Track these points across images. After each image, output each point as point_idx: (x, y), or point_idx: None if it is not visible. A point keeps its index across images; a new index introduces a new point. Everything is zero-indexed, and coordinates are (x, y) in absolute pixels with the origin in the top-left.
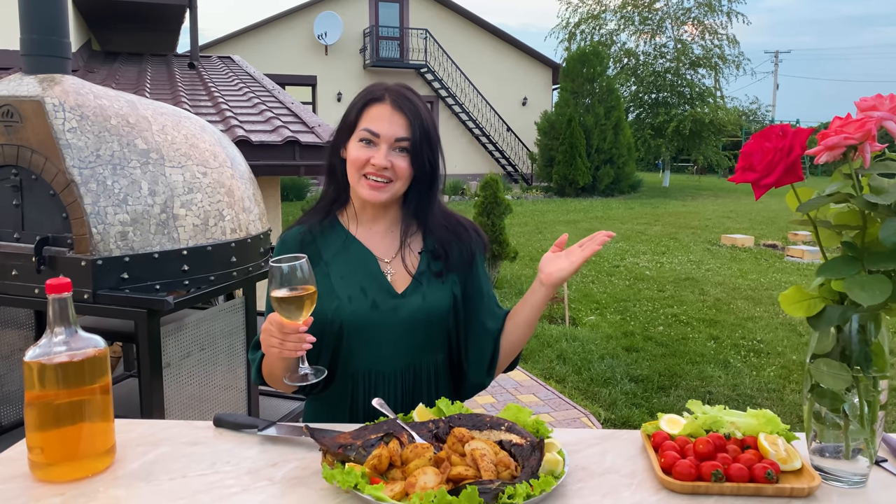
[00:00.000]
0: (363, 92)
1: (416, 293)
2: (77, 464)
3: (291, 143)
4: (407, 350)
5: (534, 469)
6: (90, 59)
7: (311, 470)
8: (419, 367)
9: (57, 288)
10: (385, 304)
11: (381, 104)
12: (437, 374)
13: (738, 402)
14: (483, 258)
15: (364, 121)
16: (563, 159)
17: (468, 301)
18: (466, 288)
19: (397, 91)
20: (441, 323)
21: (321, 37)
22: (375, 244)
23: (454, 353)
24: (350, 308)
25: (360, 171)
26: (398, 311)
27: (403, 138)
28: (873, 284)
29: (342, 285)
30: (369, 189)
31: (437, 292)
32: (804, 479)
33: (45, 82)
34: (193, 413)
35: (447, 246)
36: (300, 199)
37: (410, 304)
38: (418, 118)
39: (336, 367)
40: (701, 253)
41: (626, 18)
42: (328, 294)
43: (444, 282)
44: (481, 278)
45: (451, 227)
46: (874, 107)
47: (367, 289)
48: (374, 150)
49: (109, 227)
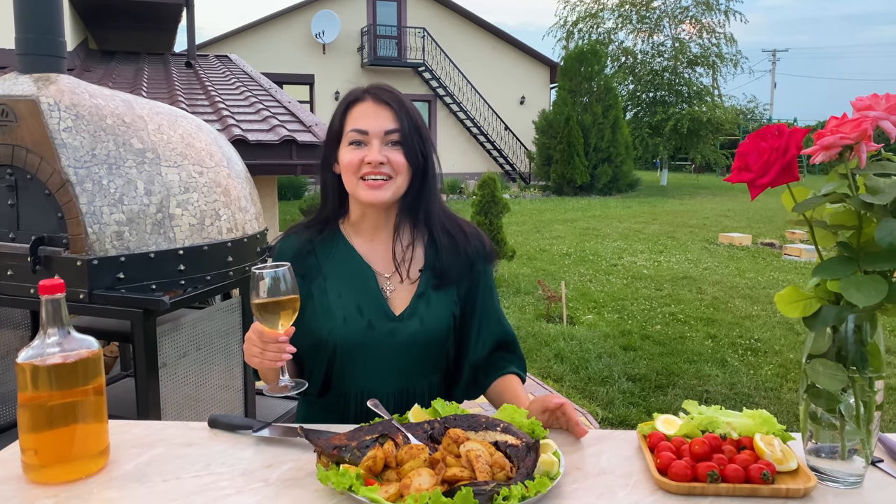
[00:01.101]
0: (342, 99)
1: (415, 317)
2: (71, 465)
3: (288, 143)
4: (402, 373)
5: (529, 470)
6: (87, 58)
7: (306, 471)
8: (413, 390)
9: (50, 289)
10: (382, 327)
11: (362, 103)
12: (431, 395)
13: (735, 401)
14: (486, 269)
15: (349, 123)
16: (561, 158)
17: (464, 317)
18: (466, 303)
19: (376, 87)
20: (439, 345)
21: (319, 35)
22: (376, 258)
23: (450, 371)
24: (345, 329)
25: (356, 173)
26: (395, 335)
27: (393, 130)
28: (869, 285)
29: (339, 304)
30: (369, 189)
31: (437, 313)
32: (800, 480)
33: (40, 81)
34: (190, 413)
35: (445, 255)
36: (297, 198)
37: (408, 327)
38: (403, 108)
39: (330, 384)
40: (698, 252)
41: (624, 17)
42: (324, 312)
43: (445, 295)
44: (480, 293)
45: (451, 232)
46: (870, 106)
47: (363, 308)
48: (365, 149)
49: (105, 226)
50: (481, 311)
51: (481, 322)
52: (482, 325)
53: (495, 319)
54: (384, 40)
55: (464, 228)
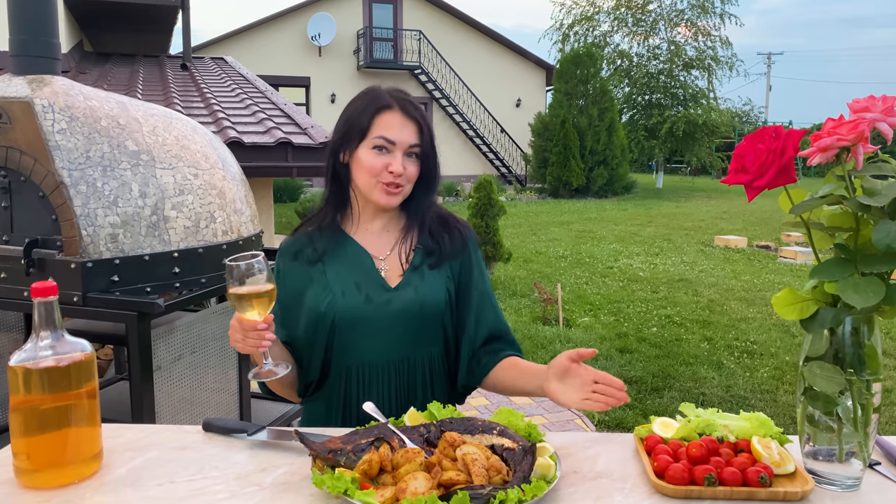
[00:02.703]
0: (368, 98)
1: (409, 286)
2: (63, 470)
3: (284, 145)
4: (400, 343)
5: (526, 474)
6: (82, 60)
7: (301, 475)
8: (413, 361)
9: (42, 292)
10: (378, 297)
11: (391, 112)
12: (432, 368)
13: (731, 403)
14: (477, 252)
15: (377, 128)
16: (557, 160)
17: (460, 296)
18: (461, 279)
19: (402, 97)
20: (435, 316)
21: (315, 38)
22: (371, 242)
23: (451, 348)
24: (343, 302)
25: (376, 177)
26: (391, 304)
27: (416, 144)
28: (867, 287)
29: (336, 280)
30: (386, 195)
31: (431, 285)
32: (798, 483)
33: (34, 83)
34: (184, 416)
35: (439, 238)
36: (293, 201)
37: (403, 296)
38: (426, 124)
39: (330, 364)
40: (694, 254)
41: (620, 20)
42: (323, 289)
43: (438, 273)
44: (474, 272)
45: (442, 220)
46: (867, 108)
47: (360, 283)
48: (389, 157)
49: (99, 229)
50: (478, 295)
51: (479, 305)
52: (480, 308)
53: (491, 307)
54: (380, 43)
55: (454, 216)
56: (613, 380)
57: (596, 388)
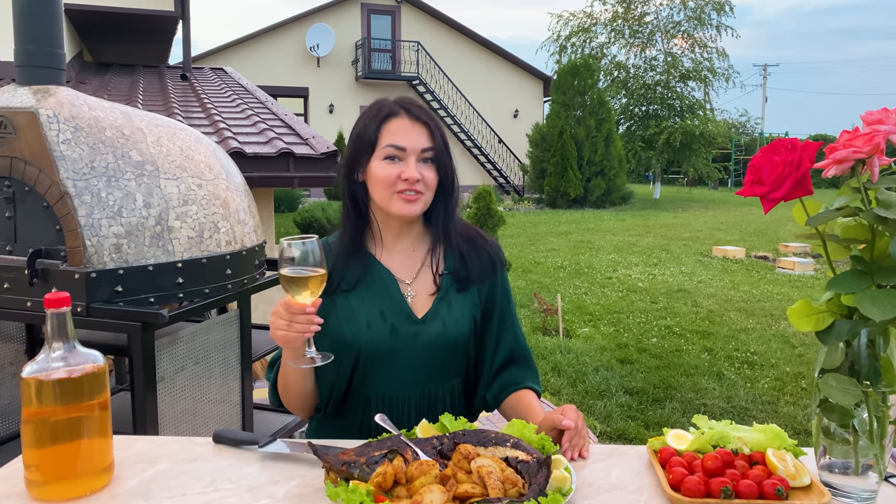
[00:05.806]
0: (374, 109)
1: (437, 319)
2: (74, 482)
3: (285, 155)
4: (423, 376)
5: (541, 486)
6: (82, 71)
7: (314, 487)
8: (434, 394)
9: (55, 303)
10: (405, 329)
11: (397, 118)
12: (452, 399)
13: (732, 414)
14: (504, 273)
15: (385, 137)
16: (555, 171)
17: (485, 320)
18: (487, 304)
19: (408, 102)
20: (460, 348)
21: (313, 49)
22: (397, 265)
23: (470, 372)
24: (369, 334)
25: (391, 188)
26: (418, 338)
27: (428, 148)
28: (884, 299)
29: (362, 309)
30: (404, 203)
31: (458, 316)
32: (813, 496)
33: (39, 93)
34: (187, 427)
35: (467, 257)
36: (291, 211)
37: (430, 330)
38: (436, 125)
39: (349, 391)
40: (693, 265)
41: (617, 31)
42: (348, 318)
43: (465, 298)
44: (500, 296)
45: (469, 240)
46: (881, 120)
47: (386, 313)
48: (402, 165)
49: (103, 239)
50: (500, 317)
51: (500, 328)
52: (501, 332)
53: (511, 328)
54: (378, 54)
55: (482, 234)
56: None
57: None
